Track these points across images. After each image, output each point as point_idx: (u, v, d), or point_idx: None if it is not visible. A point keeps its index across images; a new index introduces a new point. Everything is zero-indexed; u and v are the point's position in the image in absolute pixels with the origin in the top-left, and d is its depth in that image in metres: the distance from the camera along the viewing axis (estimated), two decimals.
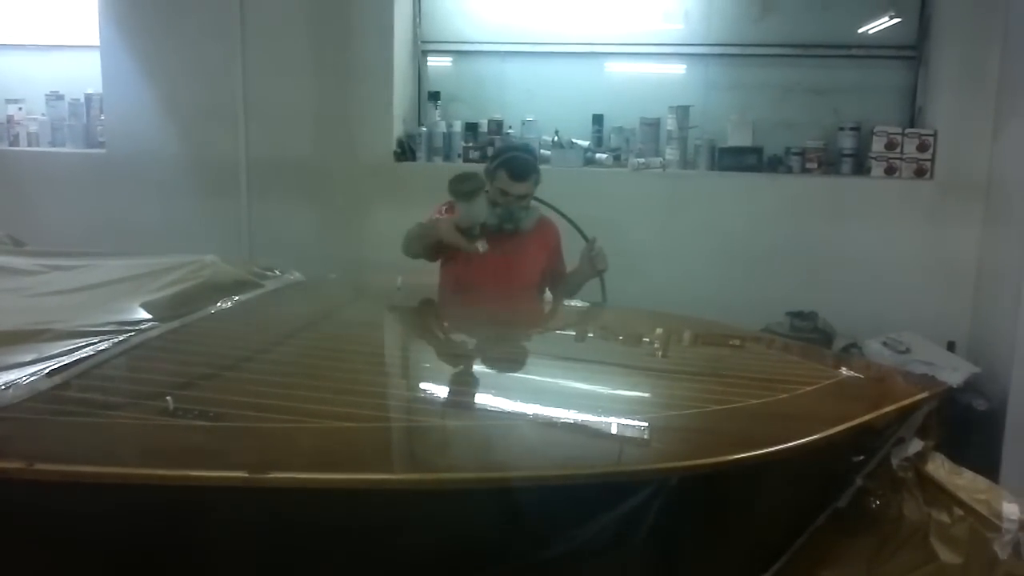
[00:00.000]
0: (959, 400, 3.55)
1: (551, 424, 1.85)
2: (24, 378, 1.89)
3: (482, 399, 1.99)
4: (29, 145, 5.10)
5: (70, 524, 1.67)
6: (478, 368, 2.47)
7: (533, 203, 3.29)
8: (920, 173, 4.24)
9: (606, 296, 3.36)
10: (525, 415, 1.89)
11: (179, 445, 1.71)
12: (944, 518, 1.99)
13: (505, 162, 3.19)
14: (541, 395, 2.09)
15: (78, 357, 2.04)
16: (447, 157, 4.65)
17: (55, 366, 1.97)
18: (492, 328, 3.01)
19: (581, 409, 1.91)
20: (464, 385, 2.21)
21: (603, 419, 1.84)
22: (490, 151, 4.57)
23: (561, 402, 1.99)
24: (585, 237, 3.35)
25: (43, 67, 5.27)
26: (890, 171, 4.26)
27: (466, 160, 4.59)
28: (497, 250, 3.16)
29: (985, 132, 4.10)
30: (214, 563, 1.71)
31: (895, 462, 2.03)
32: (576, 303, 3.11)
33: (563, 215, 3.46)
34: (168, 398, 1.86)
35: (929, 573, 1.96)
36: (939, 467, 2.07)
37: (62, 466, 1.58)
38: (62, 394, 1.89)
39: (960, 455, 2.16)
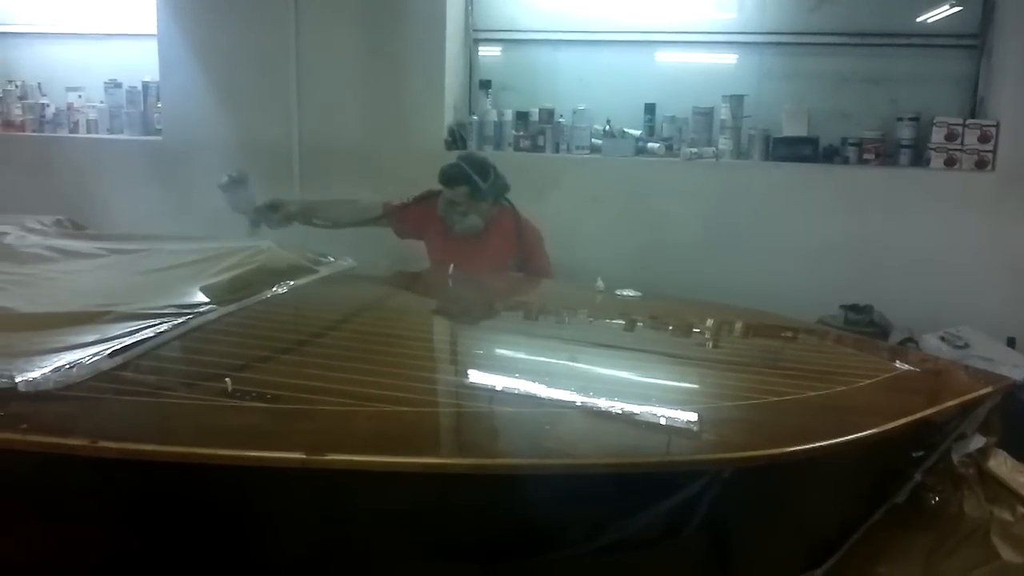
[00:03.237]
0: (1019, 398, 3.46)
1: (603, 413, 1.84)
2: (87, 358, 1.93)
3: (534, 386, 1.98)
4: (88, 132, 5.21)
5: (130, 501, 1.71)
6: (530, 355, 2.47)
7: (488, 210, 3.65)
8: (981, 165, 4.14)
9: None
10: (577, 403, 1.88)
11: (237, 426, 1.73)
12: (1006, 516, 1.95)
13: (440, 169, 3.64)
14: (593, 383, 2.07)
15: (139, 338, 2.08)
16: (498, 146, 4.64)
17: (117, 347, 2.01)
18: (546, 317, 3.02)
19: (633, 398, 1.89)
20: (516, 372, 2.20)
21: (656, 409, 1.82)
22: (541, 140, 4.58)
23: (613, 391, 1.98)
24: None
25: (102, 55, 5.36)
26: (950, 163, 4.17)
27: (517, 148, 4.58)
28: (460, 243, 3.65)
29: None
30: (269, 543, 1.74)
31: (956, 458, 2.00)
32: (628, 292, 3.09)
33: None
34: (227, 379, 1.89)
35: (990, 572, 1.91)
36: (1002, 464, 2.03)
37: (124, 444, 1.62)
38: (123, 374, 1.93)
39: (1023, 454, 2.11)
